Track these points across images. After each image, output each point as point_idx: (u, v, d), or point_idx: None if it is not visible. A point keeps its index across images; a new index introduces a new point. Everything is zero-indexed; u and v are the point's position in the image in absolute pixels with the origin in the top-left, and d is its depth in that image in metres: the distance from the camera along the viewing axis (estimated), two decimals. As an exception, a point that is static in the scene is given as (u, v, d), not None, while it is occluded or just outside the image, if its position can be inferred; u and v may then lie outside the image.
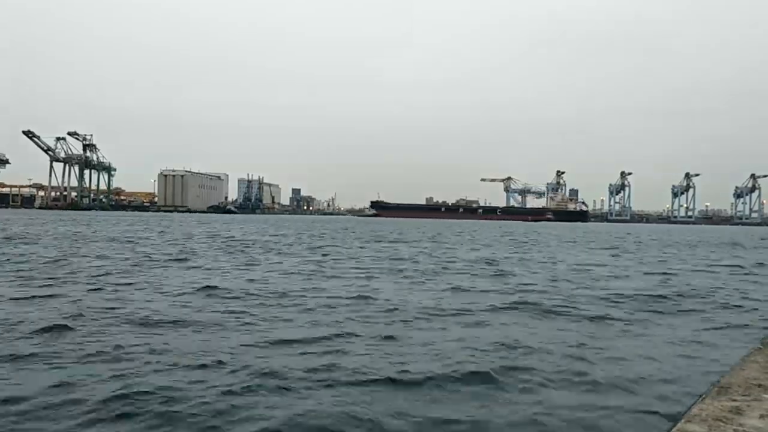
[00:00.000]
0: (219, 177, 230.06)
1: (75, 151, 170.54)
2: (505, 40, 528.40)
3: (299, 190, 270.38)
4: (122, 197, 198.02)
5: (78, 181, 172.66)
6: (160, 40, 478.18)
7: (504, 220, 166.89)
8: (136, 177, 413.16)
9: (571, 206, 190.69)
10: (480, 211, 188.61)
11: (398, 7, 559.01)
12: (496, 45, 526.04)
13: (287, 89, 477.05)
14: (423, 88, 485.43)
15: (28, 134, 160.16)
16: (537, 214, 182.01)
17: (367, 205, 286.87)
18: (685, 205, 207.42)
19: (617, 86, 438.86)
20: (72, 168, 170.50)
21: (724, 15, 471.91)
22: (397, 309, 9.38)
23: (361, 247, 27.60)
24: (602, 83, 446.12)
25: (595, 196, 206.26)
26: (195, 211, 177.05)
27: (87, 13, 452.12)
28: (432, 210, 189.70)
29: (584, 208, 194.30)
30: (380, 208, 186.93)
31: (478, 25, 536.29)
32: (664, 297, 11.60)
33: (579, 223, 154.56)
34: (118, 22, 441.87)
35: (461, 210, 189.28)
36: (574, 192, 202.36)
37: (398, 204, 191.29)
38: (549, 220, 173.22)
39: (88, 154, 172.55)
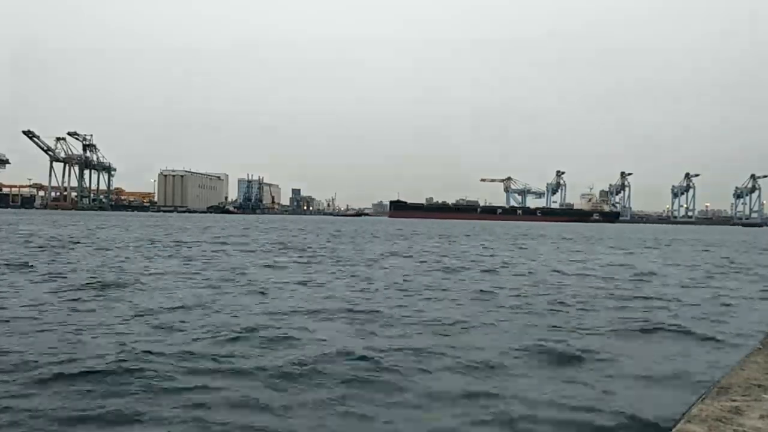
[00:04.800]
0: (219, 177, 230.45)
1: (75, 151, 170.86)
2: (504, 40, 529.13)
3: (299, 190, 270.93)
4: (122, 197, 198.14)
5: (78, 181, 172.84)
6: (159, 40, 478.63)
7: (547, 222, 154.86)
8: (136, 177, 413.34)
9: (606, 207, 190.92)
10: (519, 212, 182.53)
11: (390, 4, 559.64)
12: (495, 44, 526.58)
13: (287, 89, 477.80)
14: (422, 87, 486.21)
15: (28, 134, 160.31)
16: (583, 215, 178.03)
17: (369, 205, 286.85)
18: (684, 206, 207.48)
19: (617, 86, 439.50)
20: (72, 168, 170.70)
21: (724, 10, 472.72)
22: None
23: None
24: (601, 83, 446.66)
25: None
26: (195, 212, 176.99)
27: (86, 12, 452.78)
28: (464, 211, 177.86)
29: (614, 208, 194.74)
30: (400, 208, 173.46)
31: (472, 24, 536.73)
32: None
33: (608, 224, 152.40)
34: (118, 22, 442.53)
35: (499, 211, 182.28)
36: (604, 193, 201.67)
37: (421, 204, 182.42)
38: (597, 221, 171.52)
39: (88, 154, 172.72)
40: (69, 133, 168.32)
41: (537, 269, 17.84)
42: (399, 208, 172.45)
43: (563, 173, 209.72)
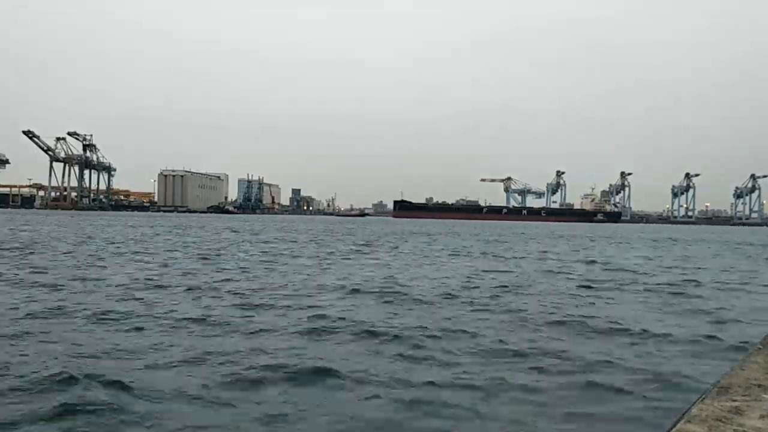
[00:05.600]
0: (219, 177, 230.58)
1: (75, 151, 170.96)
2: (504, 40, 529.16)
3: (299, 190, 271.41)
4: (122, 197, 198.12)
5: (78, 181, 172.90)
6: (158, 41, 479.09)
7: (552, 221, 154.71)
8: (136, 177, 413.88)
9: (608, 207, 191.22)
10: (524, 212, 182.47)
11: (390, 4, 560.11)
12: (495, 44, 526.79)
13: (287, 89, 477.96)
14: (422, 87, 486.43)
15: (28, 134, 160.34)
16: (587, 215, 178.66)
17: (369, 205, 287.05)
18: (685, 206, 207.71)
19: (617, 86, 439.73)
20: (72, 168, 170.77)
21: (725, 10, 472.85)
22: None
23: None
24: (601, 83, 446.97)
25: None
26: (195, 212, 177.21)
27: (86, 13, 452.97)
28: (470, 211, 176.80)
29: (615, 208, 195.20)
30: (405, 208, 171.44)
31: (472, 24, 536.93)
32: None
33: (612, 224, 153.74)
34: (118, 23, 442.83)
35: (504, 211, 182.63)
36: (605, 193, 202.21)
37: (427, 204, 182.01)
38: (601, 221, 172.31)
39: (88, 154, 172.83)
40: (69, 133, 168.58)
41: None
42: (404, 208, 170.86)
43: (563, 173, 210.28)
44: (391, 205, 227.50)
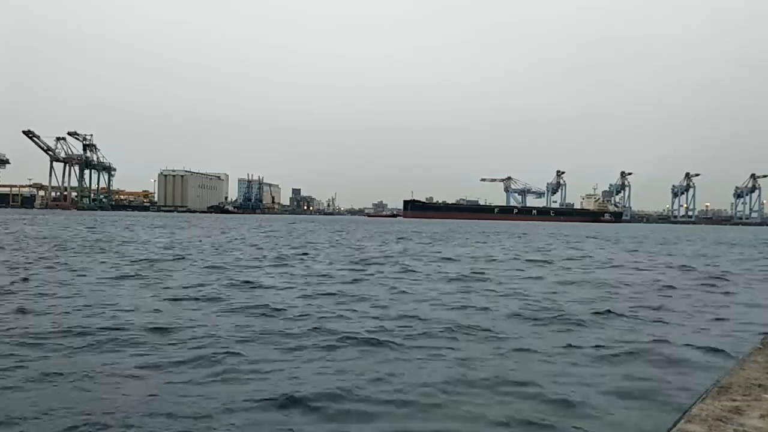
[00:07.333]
0: (219, 177, 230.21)
1: (75, 151, 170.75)
2: (504, 44, 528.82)
3: (299, 190, 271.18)
4: (122, 197, 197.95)
5: (78, 181, 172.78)
6: (159, 41, 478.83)
7: (562, 222, 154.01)
8: (136, 177, 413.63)
9: (611, 207, 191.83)
10: (534, 212, 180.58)
11: (390, 3, 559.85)
12: (496, 43, 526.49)
13: (287, 88, 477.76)
14: (422, 87, 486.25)
15: (28, 134, 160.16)
16: (593, 215, 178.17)
17: (369, 205, 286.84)
18: (685, 205, 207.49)
19: (617, 86, 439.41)
20: (72, 168, 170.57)
21: (726, 9, 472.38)
22: None
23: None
24: (602, 83, 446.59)
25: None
26: (195, 211, 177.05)
27: (87, 13, 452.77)
28: (482, 211, 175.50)
29: (617, 208, 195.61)
30: (417, 208, 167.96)
31: (479, 28, 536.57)
32: None
33: (616, 224, 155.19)
34: (118, 22, 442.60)
35: (515, 212, 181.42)
36: (607, 194, 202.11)
37: (439, 204, 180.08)
38: (608, 221, 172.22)
39: (88, 154, 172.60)
40: (69, 133, 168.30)
41: None
42: (416, 208, 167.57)
43: (563, 173, 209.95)
44: (391, 205, 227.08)
